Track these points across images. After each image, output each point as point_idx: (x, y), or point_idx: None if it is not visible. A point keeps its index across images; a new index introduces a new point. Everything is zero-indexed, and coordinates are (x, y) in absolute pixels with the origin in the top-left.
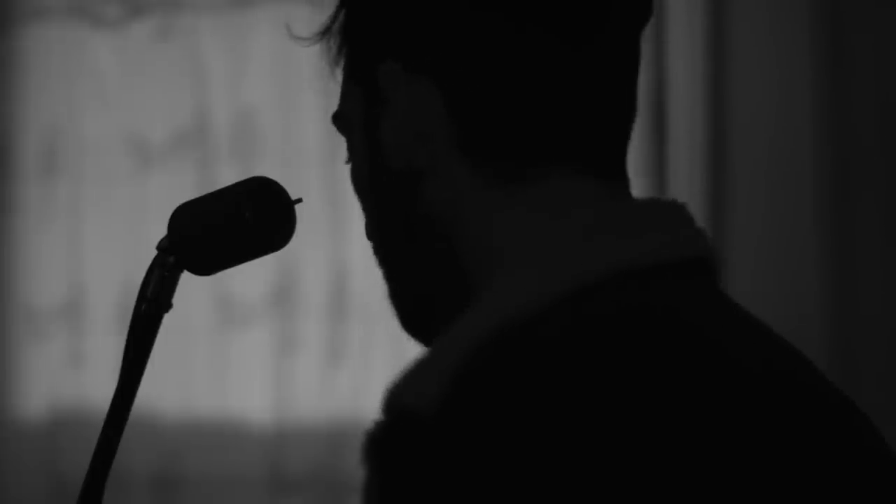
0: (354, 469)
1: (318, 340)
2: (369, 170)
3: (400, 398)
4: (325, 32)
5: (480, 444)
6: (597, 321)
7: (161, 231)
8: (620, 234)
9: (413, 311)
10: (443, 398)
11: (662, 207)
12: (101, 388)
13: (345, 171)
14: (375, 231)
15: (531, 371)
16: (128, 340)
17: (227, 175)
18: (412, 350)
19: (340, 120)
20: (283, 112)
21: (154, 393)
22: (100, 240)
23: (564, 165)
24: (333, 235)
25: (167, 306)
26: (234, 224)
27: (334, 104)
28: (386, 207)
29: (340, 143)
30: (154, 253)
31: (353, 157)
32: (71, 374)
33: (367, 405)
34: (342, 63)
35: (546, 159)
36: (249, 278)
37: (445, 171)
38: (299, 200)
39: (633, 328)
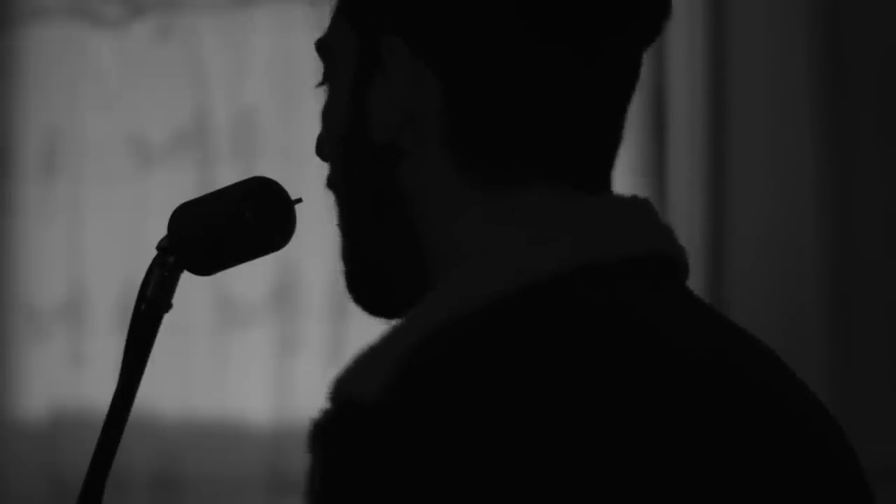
0: None
1: (318, 340)
2: (347, 129)
3: (345, 387)
4: None
5: (420, 434)
6: (542, 315)
7: (161, 231)
8: (577, 233)
9: (362, 277)
10: (386, 388)
11: (624, 205)
12: (101, 388)
13: None
14: (342, 186)
15: (473, 363)
16: (128, 340)
17: (227, 175)
18: None
19: (325, 51)
20: (283, 112)
21: (154, 393)
22: (100, 240)
23: (546, 179)
24: (333, 235)
25: (167, 306)
26: (235, 224)
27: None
28: (358, 173)
29: None
30: (154, 253)
31: (331, 98)
32: (71, 374)
33: None
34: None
35: (530, 170)
36: (249, 278)
37: (427, 159)
38: (299, 200)
39: (577, 321)
